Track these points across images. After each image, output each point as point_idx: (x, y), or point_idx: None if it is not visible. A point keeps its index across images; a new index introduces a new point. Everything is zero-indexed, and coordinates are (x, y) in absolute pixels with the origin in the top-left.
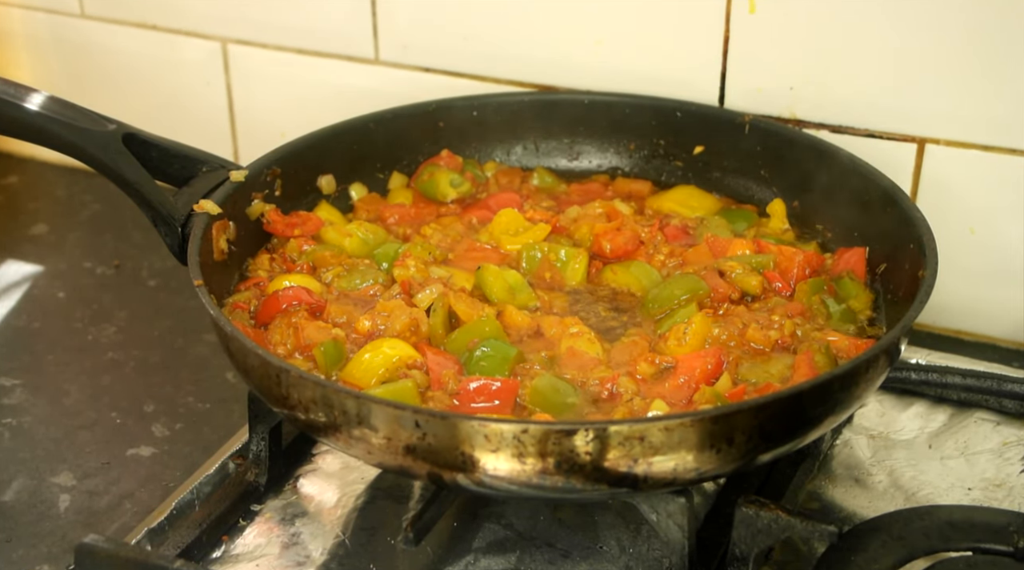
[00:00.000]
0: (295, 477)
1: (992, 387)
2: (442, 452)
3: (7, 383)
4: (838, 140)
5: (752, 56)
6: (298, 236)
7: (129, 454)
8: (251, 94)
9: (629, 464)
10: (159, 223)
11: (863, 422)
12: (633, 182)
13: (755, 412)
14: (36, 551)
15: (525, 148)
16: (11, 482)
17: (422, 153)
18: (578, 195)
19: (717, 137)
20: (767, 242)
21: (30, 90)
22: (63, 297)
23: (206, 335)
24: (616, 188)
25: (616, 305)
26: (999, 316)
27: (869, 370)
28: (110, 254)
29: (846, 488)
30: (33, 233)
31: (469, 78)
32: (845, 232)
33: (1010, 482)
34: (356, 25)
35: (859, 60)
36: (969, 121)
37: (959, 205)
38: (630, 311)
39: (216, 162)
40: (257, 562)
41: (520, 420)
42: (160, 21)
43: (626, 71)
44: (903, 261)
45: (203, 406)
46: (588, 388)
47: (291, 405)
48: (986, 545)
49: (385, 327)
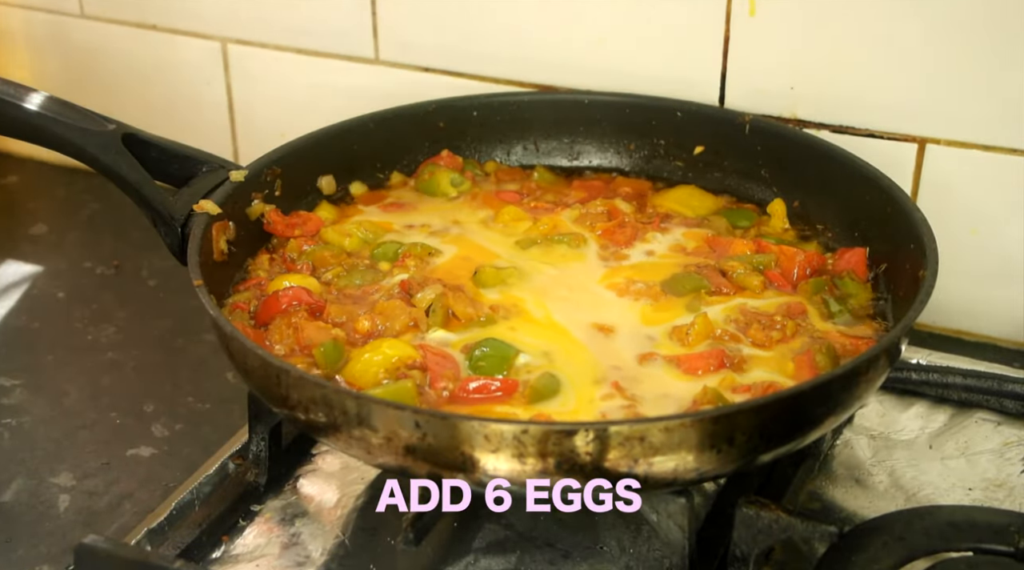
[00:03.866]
0: (295, 477)
1: (993, 387)
2: (442, 452)
3: (7, 383)
4: (838, 140)
5: (752, 56)
6: (298, 236)
7: (129, 454)
8: (251, 94)
9: (629, 464)
10: (159, 223)
11: (863, 422)
12: (635, 180)
13: (755, 412)
14: (36, 551)
15: (525, 148)
16: (11, 482)
17: (422, 153)
18: (580, 192)
19: (717, 137)
20: (768, 242)
21: (30, 90)
22: (63, 297)
23: (206, 335)
24: (617, 185)
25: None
26: (999, 316)
27: (869, 370)
28: (110, 254)
29: (846, 488)
30: (33, 233)
31: (469, 78)
32: (845, 232)
33: (1011, 482)
34: (356, 25)
35: (859, 60)
36: (969, 121)
37: (959, 205)
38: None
39: (216, 162)
40: (257, 562)
41: (520, 420)
42: (160, 21)
43: (626, 71)
44: (903, 261)
45: (203, 406)
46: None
47: (291, 405)
48: (987, 545)
49: (385, 327)
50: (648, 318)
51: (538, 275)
